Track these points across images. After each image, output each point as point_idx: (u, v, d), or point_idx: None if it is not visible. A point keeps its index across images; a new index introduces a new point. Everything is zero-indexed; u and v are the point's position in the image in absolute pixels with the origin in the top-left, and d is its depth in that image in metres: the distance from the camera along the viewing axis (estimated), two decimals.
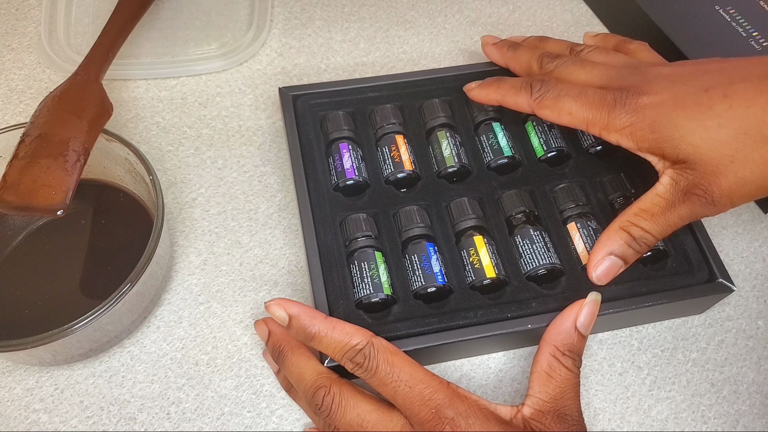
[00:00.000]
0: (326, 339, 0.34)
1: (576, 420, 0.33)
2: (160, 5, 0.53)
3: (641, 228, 0.36)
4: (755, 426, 0.39)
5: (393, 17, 0.55)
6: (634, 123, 0.36)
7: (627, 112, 0.36)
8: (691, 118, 0.35)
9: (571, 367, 0.34)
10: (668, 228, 0.36)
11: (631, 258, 0.37)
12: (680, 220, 0.36)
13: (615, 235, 0.37)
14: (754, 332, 0.42)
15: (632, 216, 0.37)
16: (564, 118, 0.39)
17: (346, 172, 0.42)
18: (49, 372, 0.39)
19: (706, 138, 0.34)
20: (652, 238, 0.36)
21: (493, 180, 0.43)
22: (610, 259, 0.37)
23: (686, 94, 0.35)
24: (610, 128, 0.37)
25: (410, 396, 0.32)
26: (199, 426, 0.38)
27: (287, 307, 0.35)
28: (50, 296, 0.39)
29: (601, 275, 0.37)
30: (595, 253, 0.37)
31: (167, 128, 0.48)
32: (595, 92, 0.38)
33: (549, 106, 0.39)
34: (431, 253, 0.39)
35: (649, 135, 0.36)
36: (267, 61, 0.52)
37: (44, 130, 0.38)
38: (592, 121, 0.38)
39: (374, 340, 0.33)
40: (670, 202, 0.35)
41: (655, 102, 0.36)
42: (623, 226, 0.37)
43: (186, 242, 0.44)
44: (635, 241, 0.36)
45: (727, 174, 0.34)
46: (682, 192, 0.35)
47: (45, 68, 0.50)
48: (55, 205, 0.36)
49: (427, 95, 0.46)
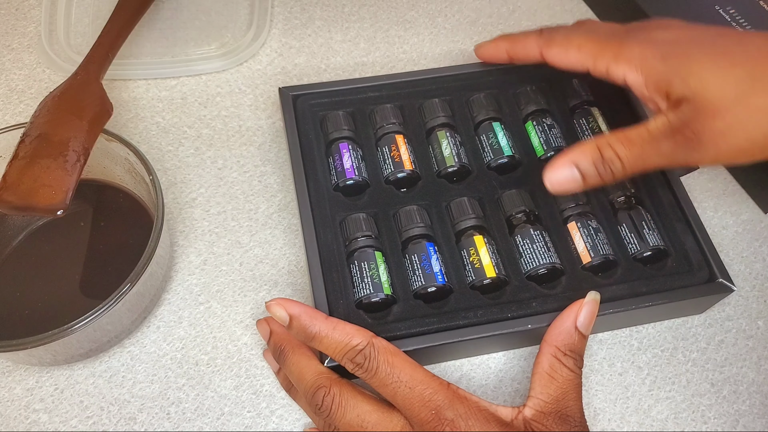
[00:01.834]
0: (327, 339, 0.34)
1: (578, 421, 0.33)
2: (160, 5, 0.53)
3: (615, 152, 0.35)
4: (755, 426, 0.39)
5: (393, 17, 0.55)
6: (645, 54, 0.35)
7: (639, 42, 0.36)
8: (705, 52, 0.34)
9: (573, 367, 0.34)
10: (641, 161, 0.35)
11: (590, 178, 0.36)
12: (658, 157, 0.35)
13: (587, 148, 0.36)
14: (754, 332, 0.42)
15: (613, 139, 0.35)
16: (572, 54, 0.38)
17: (346, 171, 0.42)
18: (49, 372, 0.39)
19: (716, 74, 0.34)
20: (620, 166, 0.35)
21: (493, 180, 0.43)
22: (570, 168, 0.36)
23: (702, 35, 0.35)
24: (619, 58, 0.36)
25: (410, 397, 0.32)
26: (199, 426, 0.38)
27: (288, 306, 0.35)
28: (50, 296, 0.39)
29: (555, 181, 0.36)
30: (558, 157, 0.36)
31: (167, 128, 0.48)
32: (606, 29, 0.38)
33: (558, 44, 0.39)
34: (431, 252, 0.39)
35: (660, 65, 0.35)
36: (267, 61, 0.52)
37: (44, 130, 0.38)
38: (601, 52, 0.37)
39: (375, 341, 0.33)
40: (655, 136, 0.35)
41: (670, 38, 0.35)
42: (600, 145, 0.35)
43: (186, 242, 0.44)
44: (603, 161, 0.35)
45: (725, 116, 0.33)
46: (671, 129, 0.34)
47: (45, 68, 0.50)
48: (55, 205, 0.36)
49: (427, 95, 0.46)
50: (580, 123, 0.45)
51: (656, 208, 0.41)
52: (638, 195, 0.42)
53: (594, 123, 0.44)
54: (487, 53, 0.44)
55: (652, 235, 0.40)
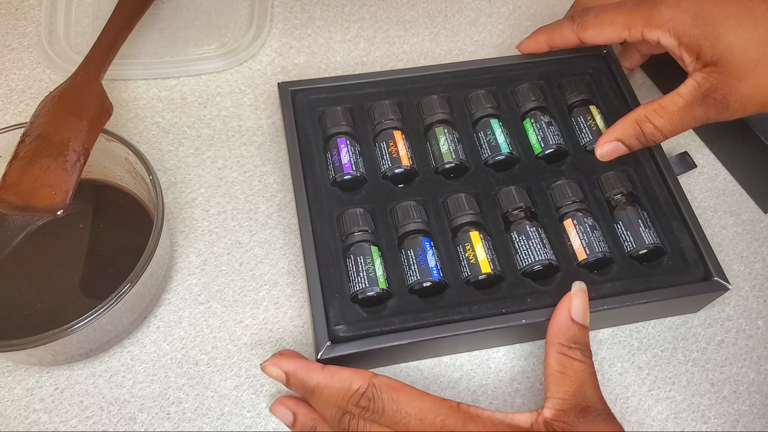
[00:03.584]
0: (327, 389, 0.33)
1: (600, 410, 0.32)
2: (160, 5, 0.53)
3: (654, 125, 0.39)
4: (755, 426, 0.39)
5: (393, 17, 0.55)
6: (675, 16, 0.38)
7: (669, 6, 0.38)
8: (731, 15, 0.36)
9: (581, 357, 0.34)
10: (679, 127, 0.39)
11: (635, 147, 0.40)
12: (693, 120, 0.38)
13: (629, 126, 0.40)
14: (754, 332, 0.42)
15: (650, 111, 0.39)
16: (606, 31, 0.41)
17: (344, 167, 0.42)
18: (49, 372, 0.39)
19: (741, 37, 0.36)
20: (660, 135, 0.39)
21: (491, 176, 0.43)
22: (616, 143, 0.40)
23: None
24: (651, 24, 0.39)
25: (422, 428, 0.31)
26: (199, 426, 0.38)
27: (283, 364, 0.34)
28: (50, 296, 0.39)
29: (605, 154, 0.41)
30: (605, 135, 0.41)
31: (167, 128, 0.48)
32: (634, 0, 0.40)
33: (591, 25, 0.41)
34: (427, 248, 0.39)
35: (691, 29, 0.37)
36: (267, 61, 0.52)
37: (44, 130, 0.38)
38: (634, 21, 0.39)
39: (375, 380, 0.33)
40: (689, 102, 0.38)
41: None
42: (639, 120, 0.39)
43: (186, 242, 0.44)
44: (644, 135, 0.39)
45: (748, 79, 0.36)
46: (701, 94, 0.37)
47: (45, 68, 0.51)
48: (55, 205, 0.36)
49: (425, 91, 0.46)
50: (577, 121, 0.45)
51: (653, 205, 0.42)
52: (635, 193, 0.42)
53: (592, 121, 0.44)
54: (528, 49, 0.47)
55: (648, 233, 0.40)
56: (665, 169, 0.42)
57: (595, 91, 0.46)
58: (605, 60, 0.47)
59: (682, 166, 0.45)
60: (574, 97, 0.46)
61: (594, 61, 0.47)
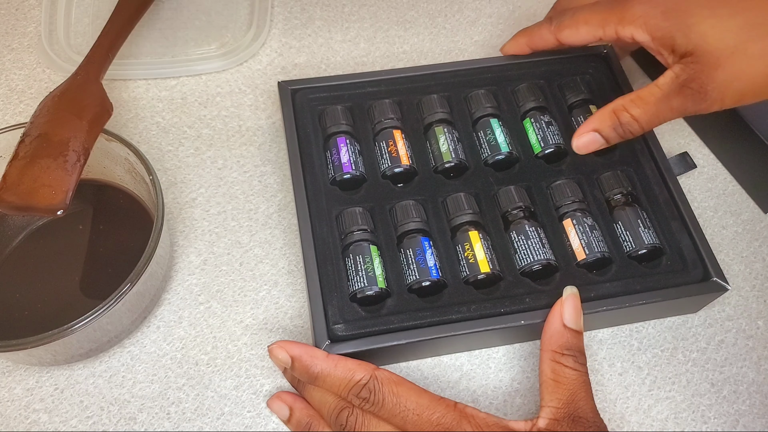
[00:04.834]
0: (330, 377, 0.34)
1: (591, 420, 0.33)
2: (160, 5, 0.53)
3: (631, 115, 0.38)
4: (755, 426, 0.39)
5: (393, 17, 0.55)
6: (647, 11, 0.37)
7: (641, 2, 0.38)
8: (703, 5, 0.36)
9: (574, 365, 0.34)
10: (656, 118, 0.38)
11: (613, 140, 0.40)
12: (671, 112, 0.37)
13: (606, 116, 0.39)
14: (754, 332, 0.42)
15: (627, 101, 0.38)
16: (582, 30, 0.41)
17: (343, 166, 0.42)
18: (49, 372, 0.39)
19: (715, 25, 0.35)
20: (637, 126, 0.38)
21: (490, 176, 0.43)
22: (593, 134, 0.39)
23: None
24: (624, 21, 0.38)
25: (419, 423, 0.32)
26: (199, 426, 0.38)
27: (289, 348, 0.35)
28: (50, 296, 0.39)
29: (581, 146, 0.40)
30: (582, 127, 0.40)
31: (167, 128, 0.48)
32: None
33: (567, 26, 0.41)
34: (426, 247, 0.39)
35: (663, 23, 0.37)
36: (267, 61, 0.52)
37: (44, 130, 0.38)
38: (607, 19, 0.39)
39: (377, 373, 0.33)
40: (666, 93, 0.37)
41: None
42: (616, 110, 0.39)
43: (186, 242, 0.44)
44: (621, 126, 0.39)
45: (725, 67, 0.35)
46: (679, 84, 0.36)
47: (45, 68, 0.51)
48: (55, 205, 0.36)
49: (425, 91, 0.46)
50: (578, 120, 0.45)
51: (652, 206, 0.42)
52: (634, 193, 0.42)
53: None
54: (510, 51, 0.47)
55: (648, 233, 0.40)
56: (665, 170, 0.42)
57: (595, 91, 0.46)
58: (605, 60, 0.47)
59: (682, 166, 0.45)
60: (574, 96, 0.46)
61: (594, 61, 0.47)
